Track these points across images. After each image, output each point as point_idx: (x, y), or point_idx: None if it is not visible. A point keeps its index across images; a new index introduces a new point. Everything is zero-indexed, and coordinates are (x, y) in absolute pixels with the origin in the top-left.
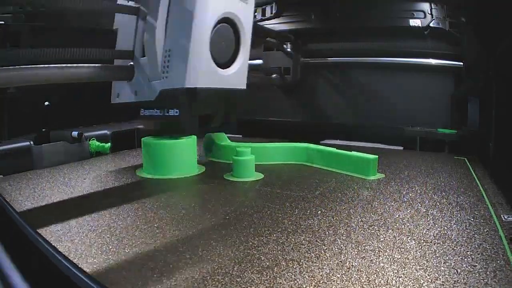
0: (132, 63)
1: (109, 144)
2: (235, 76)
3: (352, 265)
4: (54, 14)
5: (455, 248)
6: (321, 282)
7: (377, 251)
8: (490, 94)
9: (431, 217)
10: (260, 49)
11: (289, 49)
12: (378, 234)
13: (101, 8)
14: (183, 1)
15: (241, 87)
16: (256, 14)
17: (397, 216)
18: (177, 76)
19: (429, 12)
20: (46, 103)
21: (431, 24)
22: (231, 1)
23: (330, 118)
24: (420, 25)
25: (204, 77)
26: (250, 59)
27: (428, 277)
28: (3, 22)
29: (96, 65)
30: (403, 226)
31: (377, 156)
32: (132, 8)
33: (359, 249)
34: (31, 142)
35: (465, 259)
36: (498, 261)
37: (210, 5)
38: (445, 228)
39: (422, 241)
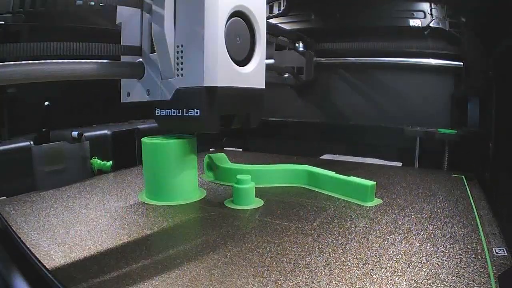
0: (141, 59)
1: (111, 162)
2: (254, 74)
3: None
4: (55, 13)
5: None
6: None
7: None
8: (490, 94)
9: (424, 252)
10: (272, 48)
11: (301, 48)
12: (372, 274)
13: (102, 3)
14: None
15: (260, 86)
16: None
17: (391, 252)
18: (194, 74)
19: (429, 12)
20: (46, 103)
21: (431, 24)
22: None
23: (328, 118)
24: (420, 25)
25: (224, 75)
26: None
27: None
28: (3, 22)
29: (102, 61)
30: (396, 265)
31: (375, 182)
32: (135, 1)
33: None
34: (31, 142)
35: None
36: None
37: None
38: (436, 266)
39: (413, 281)
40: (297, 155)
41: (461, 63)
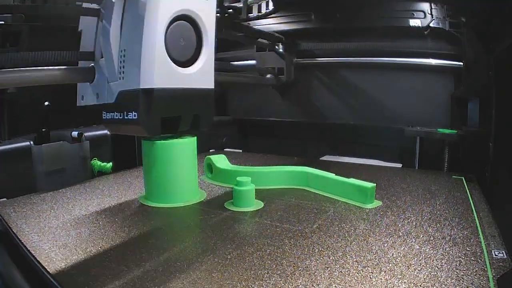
0: (93, 64)
1: (111, 163)
2: (199, 74)
3: None
4: (55, 13)
5: None
6: None
7: None
8: (490, 94)
9: (423, 255)
10: (253, 49)
11: (281, 50)
12: (371, 277)
13: (67, 12)
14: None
15: (208, 86)
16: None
17: (390, 254)
18: (132, 77)
19: (429, 12)
20: (46, 103)
21: (431, 24)
22: None
23: (329, 118)
24: (420, 25)
25: (162, 77)
26: (243, 60)
27: None
28: (3, 22)
29: (58, 67)
30: (395, 267)
31: (375, 184)
32: (94, 10)
33: None
34: (31, 142)
35: None
36: None
37: (162, 3)
38: (436, 268)
39: (412, 284)
40: (297, 156)
41: (461, 63)
